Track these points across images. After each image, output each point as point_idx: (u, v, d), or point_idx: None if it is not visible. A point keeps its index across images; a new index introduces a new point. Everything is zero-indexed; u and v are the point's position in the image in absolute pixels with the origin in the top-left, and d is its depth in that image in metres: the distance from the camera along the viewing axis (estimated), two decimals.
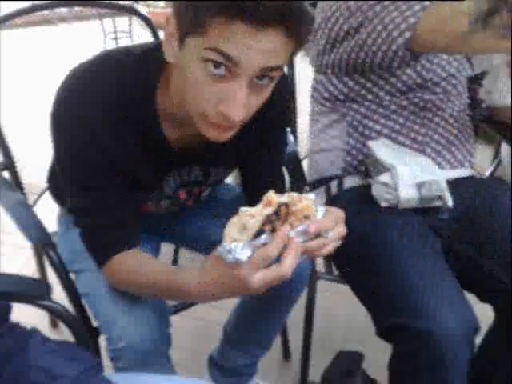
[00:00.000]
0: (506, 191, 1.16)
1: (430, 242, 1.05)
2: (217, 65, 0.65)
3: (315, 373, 1.41)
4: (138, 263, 0.84)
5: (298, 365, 1.51)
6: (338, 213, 0.72)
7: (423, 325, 0.88)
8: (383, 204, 1.09)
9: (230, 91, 0.67)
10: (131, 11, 1.43)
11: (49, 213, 1.25)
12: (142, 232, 0.91)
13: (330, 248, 0.70)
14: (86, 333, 1.05)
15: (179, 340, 1.08)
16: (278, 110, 0.92)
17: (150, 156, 0.86)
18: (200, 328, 1.70)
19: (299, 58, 1.51)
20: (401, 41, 1.00)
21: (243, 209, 0.65)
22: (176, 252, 1.67)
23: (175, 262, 1.67)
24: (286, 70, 1.36)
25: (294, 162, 1.32)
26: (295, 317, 1.43)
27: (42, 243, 1.04)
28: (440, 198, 1.06)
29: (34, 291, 0.92)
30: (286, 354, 1.62)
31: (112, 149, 0.80)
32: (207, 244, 1.15)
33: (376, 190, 1.10)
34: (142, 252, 0.87)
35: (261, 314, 1.22)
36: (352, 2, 1.05)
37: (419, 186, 1.05)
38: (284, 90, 0.91)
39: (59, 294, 1.04)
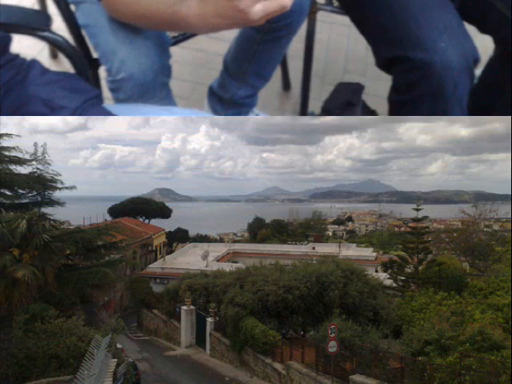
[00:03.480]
0: None
1: None
2: None
3: (315, 104, 1.42)
4: None
5: (298, 96, 1.47)
6: None
7: (423, 56, 0.92)
8: None
9: None
10: None
11: None
12: None
13: None
14: (86, 64, 1.38)
15: (179, 71, 1.20)
16: None
17: None
18: (200, 59, 1.60)
19: None
20: None
21: None
22: None
23: None
24: None
25: None
26: (295, 48, 1.53)
27: None
28: None
29: (34, 22, 1.01)
30: (286, 85, 1.52)
31: None
32: None
33: None
34: None
35: (261, 45, 1.22)
36: None
37: None
38: None
39: (59, 26, 1.11)
